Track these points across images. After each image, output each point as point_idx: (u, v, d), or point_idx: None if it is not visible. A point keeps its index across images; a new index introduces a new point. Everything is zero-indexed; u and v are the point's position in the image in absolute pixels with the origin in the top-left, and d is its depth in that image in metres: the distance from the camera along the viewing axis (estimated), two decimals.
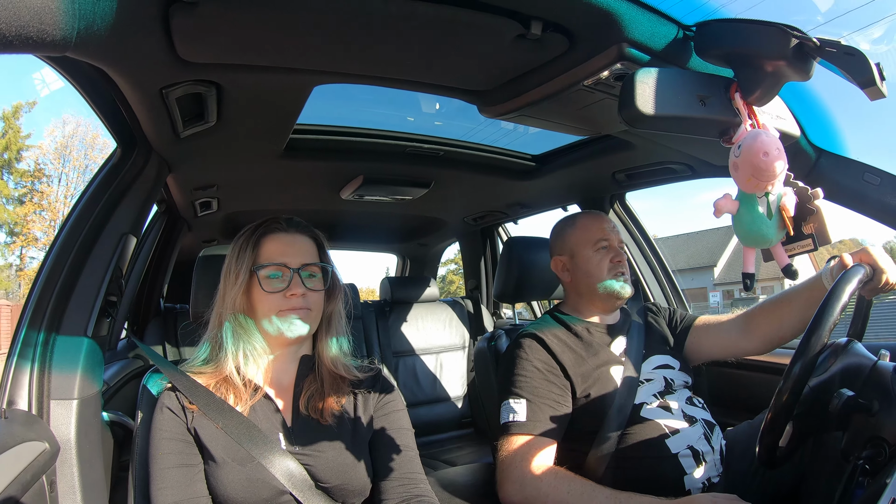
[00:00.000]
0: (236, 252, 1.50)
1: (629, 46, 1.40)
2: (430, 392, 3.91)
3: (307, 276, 1.49)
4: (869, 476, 1.30)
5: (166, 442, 1.37)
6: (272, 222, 1.54)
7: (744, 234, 1.23)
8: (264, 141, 2.20)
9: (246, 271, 1.46)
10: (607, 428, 1.85)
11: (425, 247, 5.02)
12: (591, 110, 1.79)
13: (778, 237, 1.22)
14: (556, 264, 2.17)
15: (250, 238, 1.51)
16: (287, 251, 1.49)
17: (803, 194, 1.22)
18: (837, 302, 1.29)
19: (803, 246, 1.25)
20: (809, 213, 1.22)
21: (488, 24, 1.38)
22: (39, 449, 1.43)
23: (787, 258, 1.26)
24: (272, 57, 1.51)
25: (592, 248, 2.08)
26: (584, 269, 2.08)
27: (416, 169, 2.82)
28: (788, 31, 1.16)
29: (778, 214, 1.19)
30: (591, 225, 2.13)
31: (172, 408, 1.40)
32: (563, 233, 2.18)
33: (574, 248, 2.11)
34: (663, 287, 3.02)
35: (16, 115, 29.72)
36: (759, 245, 1.24)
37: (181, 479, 1.33)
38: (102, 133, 29.57)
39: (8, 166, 29.87)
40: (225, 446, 1.37)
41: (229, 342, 1.46)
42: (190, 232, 3.54)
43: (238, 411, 1.40)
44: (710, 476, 1.82)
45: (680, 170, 2.50)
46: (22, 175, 30.68)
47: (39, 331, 1.59)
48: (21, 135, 29.85)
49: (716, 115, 1.24)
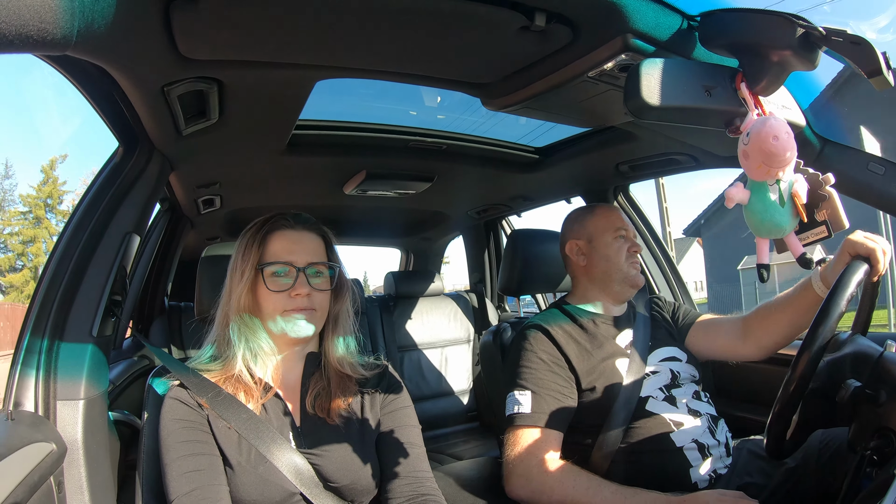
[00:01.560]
0: (242, 248, 1.49)
1: (633, 37, 1.39)
2: (435, 386, 3.92)
3: (313, 275, 1.48)
4: (876, 467, 1.30)
5: (182, 431, 1.36)
6: (279, 218, 1.52)
7: (757, 223, 1.22)
8: (267, 137, 2.20)
9: (252, 269, 1.45)
10: (613, 422, 1.86)
11: (429, 241, 5.02)
12: (595, 102, 1.78)
13: (791, 225, 1.20)
14: (571, 247, 2.17)
15: (257, 234, 1.49)
16: (294, 249, 1.47)
17: (814, 180, 1.21)
18: (844, 292, 1.29)
19: (817, 234, 1.24)
20: (822, 199, 1.21)
21: (492, 17, 1.37)
22: (47, 450, 1.43)
23: (801, 247, 1.24)
24: (274, 52, 1.50)
25: (612, 235, 2.11)
26: (602, 253, 2.10)
27: (419, 163, 2.81)
28: (794, 20, 1.15)
29: (790, 202, 1.18)
30: (610, 214, 2.16)
31: (184, 401, 1.39)
32: (581, 219, 2.20)
33: (593, 232, 2.13)
34: (668, 280, 3.01)
35: (52, 167, 34.87)
36: (772, 235, 1.23)
37: (199, 467, 1.32)
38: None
39: (52, 209, 35.01)
40: (238, 446, 1.36)
41: (237, 340, 1.45)
42: (193, 230, 3.54)
43: (250, 409, 1.39)
44: (717, 468, 1.82)
45: (684, 161, 2.49)
46: (64, 215, 35.17)
47: (44, 332, 1.58)
48: (59, 182, 35.14)
49: (722, 106, 1.23)
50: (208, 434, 1.37)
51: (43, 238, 34.10)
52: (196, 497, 1.28)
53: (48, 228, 34.49)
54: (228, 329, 1.47)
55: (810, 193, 1.20)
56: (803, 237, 1.25)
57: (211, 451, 1.35)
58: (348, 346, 1.60)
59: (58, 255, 1.66)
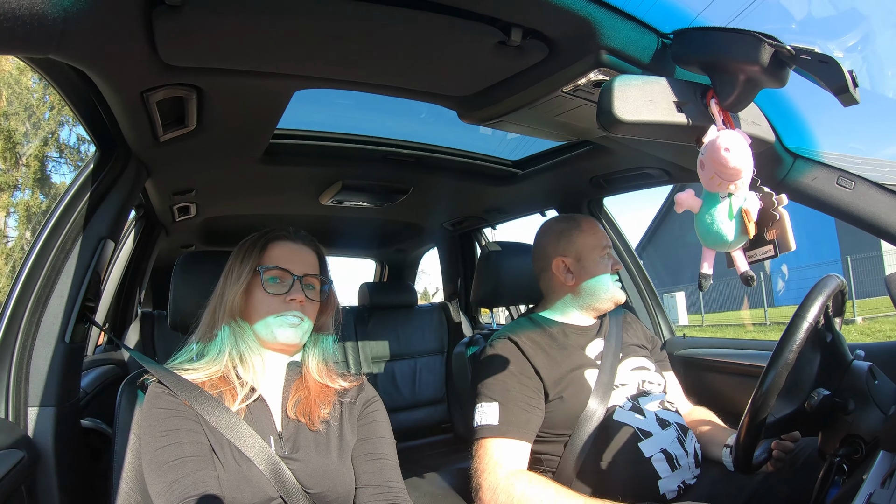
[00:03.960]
0: (242, 253, 1.54)
1: (608, 54, 1.42)
2: (409, 397, 3.91)
3: (307, 287, 1.53)
4: (844, 475, 1.33)
5: (166, 420, 1.36)
6: (280, 230, 1.60)
7: (703, 233, 1.24)
8: (244, 146, 2.19)
9: (250, 271, 1.50)
10: (580, 432, 1.87)
11: (403, 252, 5.01)
12: (571, 116, 1.81)
13: (738, 241, 1.22)
14: (558, 265, 2.16)
15: (257, 242, 1.56)
16: (292, 258, 1.55)
17: (768, 199, 1.23)
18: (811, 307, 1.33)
19: (764, 252, 1.25)
20: (773, 219, 1.23)
21: (468, 31, 1.40)
22: (17, 457, 1.41)
23: (746, 265, 1.26)
24: (254, 61, 1.51)
25: (600, 253, 2.12)
26: (592, 272, 2.10)
27: (395, 174, 2.82)
28: (763, 39, 1.17)
29: (739, 218, 1.20)
30: (596, 230, 2.17)
31: (167, 393, 1.40)
32: (567, 234, 2.17)
33: (582, 250, 2.13)
34: (641, 292, 3.03)
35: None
36: (717, 246, 1.24)
37: (183, 454, 1.32)
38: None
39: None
40: (219, 445, 1.37)
41: (226, 341, 1.48)
42: (168, 237, 3.51)
43: (231, 410, 1.40)
44: (685, 479, 1.84)
45: (657, 175, 2.53)
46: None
47: (16, 337, 1.56)
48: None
49: (692, 121, 1.25)
50: (195, 423, 1.38)
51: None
52: (184, 485, 1.28)
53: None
54: (216, 329, 1.50)
55: (762, 212, 1.22)
56: (750, 255, 1.27)
57: (197, 439, 1.36)
58: (327, 359, 1.64)
59: (32, 259, 1.64)
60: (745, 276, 1.25)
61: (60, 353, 1.62)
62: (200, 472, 1.31)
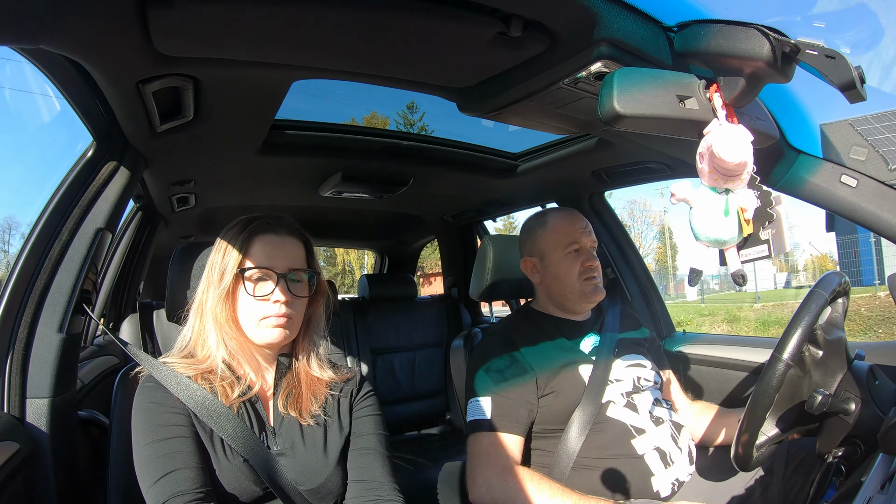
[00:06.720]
0: (223, 249, 1.47)
1: (610, 46, 1.40)
2: (408, 389, 3.91)
3: (293, 282, 1.47)
4: (842, 476, 1.32)
5: (158, 415, 1.35)
6: (262, 222, 1.50)
7: (697, 228, 1.23)
8: (242, 136, 2.18)
9: (231, 272, 1.43)
10: (573, 427, 1.85)
11: (404, 244, 5.01)
12: (572, 109, 1.79)
13: (733, 239, 1.20)
14: (526, 265, 2.15)
15: (238, 237, 1.47)
16: (275, 254, 1.46)
17: (765, 198, 1.22)
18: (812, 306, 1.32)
19: (759, 252, 1.24)
20: (769, 218, 1.22)
21: (469, 22, 1.38)
22: (13, 449, 1.41)
23: (739, 263, 1.25)
24: (251, 51, 1.49)
25: (563, 252, 2.05)
26: (553, 272, 2.07)
27: (395, 166, 2.81)
28: (769, 32, 1.15)
29: (736, 215, 1.18)
30: (561, 226, 2.10)
31: (160, 387, 1.38)
32: (533, 233, 2.15)
33: (544, 249, 2.09)
34: (641, 286, 3.02)
35: None
36: (711, 243, 1.23)
37: (174, 449, 1.31)
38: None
39: None
40: (210, 439, 1.36)
41: (212, 337, 1.44)
42: (167, 228, 3.50)
43: (222, 405, 1.38)
44: (679, 476, 1.83)
45: (658, 169, 2.52)
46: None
47: (14, 328, 1.56)
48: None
49: (695, 116, 1.23)
50: (185, 417, 1.36)
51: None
52: (173, 481, 1.27)
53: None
54: (204, 326, 1.46)
55: (758, 211, 1.21)
56: (744, 254, 1.25)
57: (187, 433, 1.34)
58: (318, 351, 1.60)
59: (29, 250, 1.63)
60: (738, 275, 1.24)
61: (57, 344, 1.61)
62: (189, 468, 1.30)
